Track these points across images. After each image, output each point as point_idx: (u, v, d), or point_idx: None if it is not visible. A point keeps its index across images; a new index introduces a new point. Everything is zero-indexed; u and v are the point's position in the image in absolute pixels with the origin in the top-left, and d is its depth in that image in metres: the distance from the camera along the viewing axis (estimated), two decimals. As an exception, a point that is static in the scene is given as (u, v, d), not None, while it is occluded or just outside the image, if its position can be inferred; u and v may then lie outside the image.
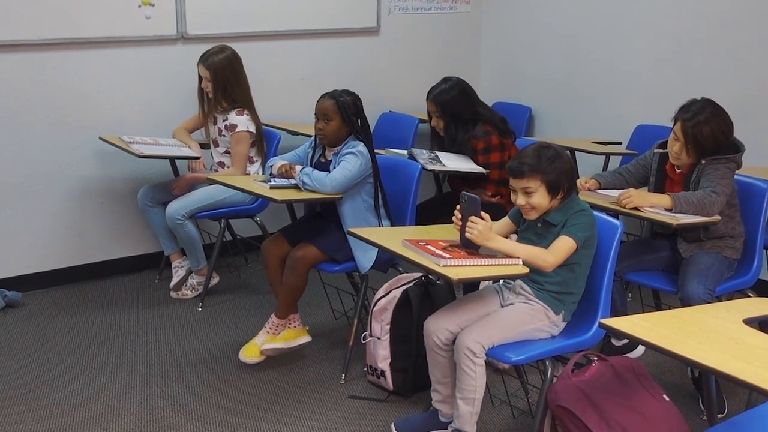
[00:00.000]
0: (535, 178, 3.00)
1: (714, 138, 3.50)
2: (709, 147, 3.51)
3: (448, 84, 4.43)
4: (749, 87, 4.70)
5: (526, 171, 3.01)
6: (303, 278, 3.77)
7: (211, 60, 4.50)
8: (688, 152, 3.54)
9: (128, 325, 4.36)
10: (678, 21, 5.06)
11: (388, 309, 3.62)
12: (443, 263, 2.79)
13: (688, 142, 3.51)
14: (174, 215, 4.47)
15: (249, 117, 4.55)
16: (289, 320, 3.86)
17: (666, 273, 3.71)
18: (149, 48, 4.87)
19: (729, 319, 2.39)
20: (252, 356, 3.81)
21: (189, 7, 4.91)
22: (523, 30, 5.94)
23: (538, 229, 3.11)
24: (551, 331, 3.08)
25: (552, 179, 3.00)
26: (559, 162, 3.02)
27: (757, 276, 3.69)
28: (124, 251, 5.05)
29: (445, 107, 4.38)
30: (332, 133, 3.82)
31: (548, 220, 3.06)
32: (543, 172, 2.99)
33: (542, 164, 3.00)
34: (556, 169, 3.01)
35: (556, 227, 3.04)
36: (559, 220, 3.04)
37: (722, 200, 3.46)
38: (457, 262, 2.80)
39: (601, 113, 5.49)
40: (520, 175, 3.03)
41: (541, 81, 5.89)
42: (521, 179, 3.03)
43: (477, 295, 3.19)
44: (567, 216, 3.03)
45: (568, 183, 3.05)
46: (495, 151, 4.28)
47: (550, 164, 3.00)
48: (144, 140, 4.60)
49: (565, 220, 3.02)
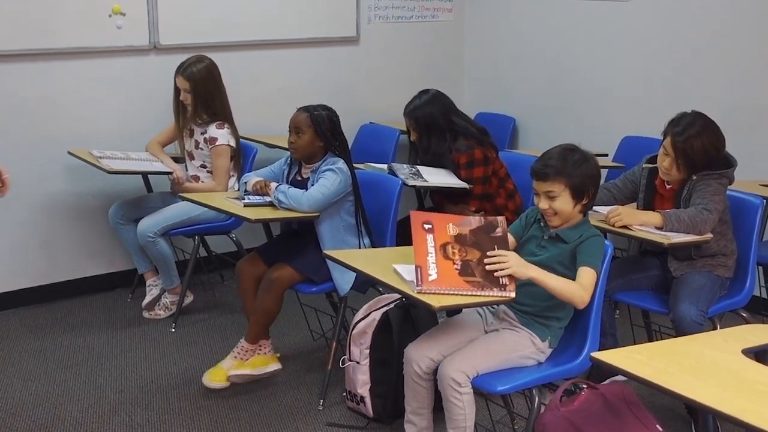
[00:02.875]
0: (559, 181, 2.84)
1: (705, 153, 3.37)
2: (700, 162, 3.39)
3: (423, 98, 4.28)
4: (738, 99, 4.59)
5: (551, 173, 2.85)
6: (278, 301, 3.61)
7: (190, 70, 4.34)
8: (679, 168, 3.42)
9: (98, 347, 4.19)
10: (666, 31, 4.95)
11: (368, 332, 3.48)
12: (418, 289, 2.63)
13: (678, 157, 3.38)
14: (145, 232, 4.31)
15: (229, 130, 4.40)
16: (260, 346, 3.70)
17: (656, 292, 3.59)
18: (120, 59, 4.71)
19: (727, 350, 2.25)
20: (217, 381, 3.64)
21: (162, 17, 4.75)
22: (508, 39, 5.81)
23: (543, 242, 2.96)
24: (538, 358, 2.93)
25: (577, 183, 2.85)
26: (586, 166, 2.88)
27: (751, 295, 3.57)
28: (95, 269, 4.87)
29: (419, 121, 4.24)
30: (303, 148, 3.67)
31: (561, 235, 2.91)
32: (568, 175, 2.84)
33: (568, 167, 2.84)
34: (583, 173, 2.86)
35: (567, 245, 2.89)
36: (571, 239, 2.89)
37: (715, 218, 3.33)
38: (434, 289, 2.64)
39: (586, 124, 5.37)
40: (544, 177, 2.87)
41: (525, 91, 5.77)
42: (545, 182, 2.87)
43: (460, 320, 3.04)
44: (582, 237, 2.88)
45: (593, 188, 2.90)
46: (478, 166, 4.14)
47: (576, 168, 2.85)
48: (115, 155, 4.43)
49: (579, 242, 2.87)
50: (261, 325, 3.66)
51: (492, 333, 2.97)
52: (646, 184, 3.61)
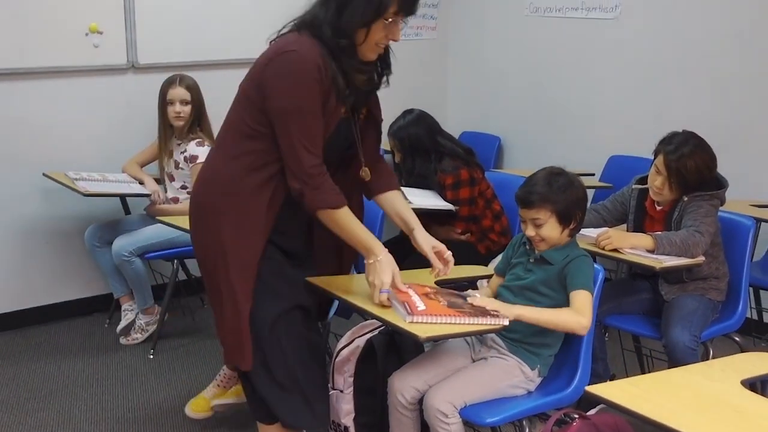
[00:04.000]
0: (545, 208, 2.77)
1: (698, 172, 3.30)
2: (692, 182, 3.32)
3: (408, 118, 4.22)
4: (726, 118, 4.54)
5: (536, 201, 2.77)
6: None
7: (189, 81, 4.30)
8: (671, 187, 3.34)
9: (73, 375, 4.06)
10: (652, 50, 4.90)
11: (351, 360, 3.35)
12: (409, 319, 2.54)
13: (671, 176, 3.31)
14: (121, 251, 4.20)
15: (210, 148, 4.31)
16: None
17: (647, 316, 3.51)
18: (97, 78, 4.60)
19: (726, 381, 2.17)
20: (200, 411, 3.51)
21: (140, 35, 4.65)
22: (492, 57, 5.75)
23: (529, 265, 2.87)
24: (527, 386, 2.83)
25: (563, 209, 2.77)
26: (572, 190, 2.80)
27: (743, 319, 3.49)
28: (71, 294, 4.74)
29: (403, 142, 4.17)
30: None
31: (546, 257, 2.82)
32: (554, 201, 2.76)
33: (553, 193, 2.76)
34: (568, 198, 2.78)
35: (553, 267, 2.80)
36: (557, 260, 2.80)
37: (707, 240, 3.26)
38: (425, 319, 2.54)
39: (573, 143, 5.30)
40: (529, 205, 2.79)
41: (510, 110, 5.70)
42: (530, 209, 2.79)
43: (446, 348, 2.94)
44: (568, 258, 2.79)
45: (580, 212, 2.82)
46: (464, 187, 4.06)
47: (561, 193, 2.77)
48: (91, 176, 4.33)
49: (566, 264, 2.78)
50: None
51: (480, 362, 2.86)
52: (636, 205, 3.54)
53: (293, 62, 2.57)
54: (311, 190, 2.62)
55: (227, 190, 2.72)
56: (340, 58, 2.60)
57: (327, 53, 2.59)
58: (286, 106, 2.58)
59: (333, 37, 2.58)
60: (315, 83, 2.57)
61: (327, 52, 2.59)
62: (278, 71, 2.59)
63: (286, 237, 2.82)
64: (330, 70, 2.58)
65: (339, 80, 2.61)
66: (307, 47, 2.59)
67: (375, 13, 2.55)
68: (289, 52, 2.59)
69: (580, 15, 5.21)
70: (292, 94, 2.57)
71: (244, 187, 2.70)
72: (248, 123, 2.69)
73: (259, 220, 2.71)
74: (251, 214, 2.71)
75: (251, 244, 2.72)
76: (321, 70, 2.57)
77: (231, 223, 2.71)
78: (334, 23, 2.57)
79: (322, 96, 2.60)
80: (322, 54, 2.58)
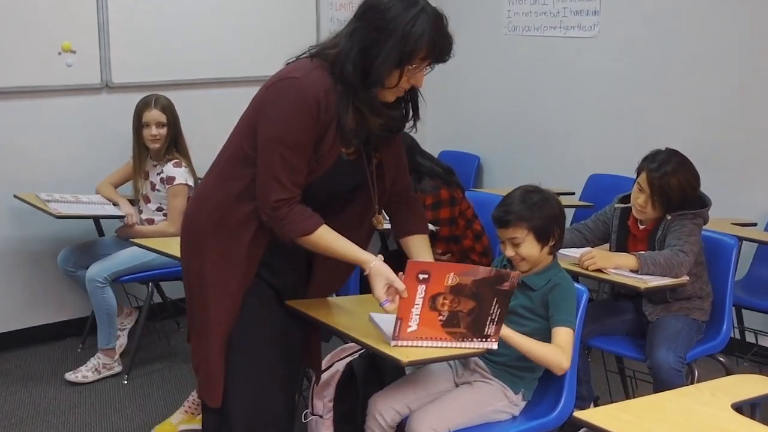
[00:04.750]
0: (521, 226, 2.72)
1: (682, 190, 3.28)
2: (676, 200, 3.29)
3: None
4: (706, 137, 4.53)
5: (512, 220, 2.73)
6: None
7: (164, 102, 4.22)
8: (654, 205, 3.31)
9: (45, 402, 3.95)
10: (632, 68, 4.89)
11: (331, 384, 3.28)
12: (393, 343, 2.47)
13: (654, 194, 3.28)
14: (95, 278, 4.09)
15: (187, 169, 4.23)
16: None
17: (631, 337, 3.46)
18: (70, 98, 4.52)
19: (717, 405, 2.12)
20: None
21: (114, 54, 4.59)
22: (471, 76, 5.71)
23: None
24: (512, 411, 2.77)
25: (540, 226, 2.73)
26: (548, 207, 2.76)
27: (728, 339, 3.45)
28: (43, 318, 4.63)
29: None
30: None
31: (527, 282, 2.78)
32: (530, 219, 2.72)
33: (528, 211, 2.73)
34: (545, 214, 2.74)
35: (535, 292, 2.76)
36: (538, 285, 2.76)
37: (691, 260, 3.22)
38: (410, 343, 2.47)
39: (552, 162, 5.28)
40: (505, 224, 2.75)
41: (489, 128, 5.67)
42: (507, 229, 2.75)
43: (429, 371, 2.87)
44: (550, 283, 2.75)
45: (558, 229, 2.78)
46: (444, 206, 4.00)
47: (537, 210, 2.73)
48: (64, 198, 4.24)
49: (549, 290, 2.74)
50: None
51: (463, 386, 2.80)
52: (619, 224, 3.50)
53: (291, 90, 2.42)
54: (277, 223, 2.48)
55: (214, 216, 2.58)
56: (357, 95, 2.43)
57: (342, 89, 2.42)
58: (271, 133, 2.44)
59: (353, 73, 2.40)
60: (308, 116, 2.40)
61: (343, 87, 2.42)
62: (275, 96, 2.46)
63: (273, 272, 2.67)
64: (337, 105, 2.42)
65: (345, 118, 2.44)
66: (314, 77, 2.42)
67: (402, 59, 2.41)
68: (291, 79, 2.43)
69: (559, 34, 5.19)
70: (280, 122, 2.42)
71: (232, 215, 2.55)
72: (243, 147, 2.54)
73: (243, 251, 2.56)
74: (237, 245, 2.56)
75: (234, 275, 2.57)
76: (320, 103, 2.40)
77: (216, 250, 2.58)
78: (357, 60, 2.40)
79: (316, 131, 2.44)
80: (330, 88, 2.42)
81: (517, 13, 5.40)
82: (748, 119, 4.45)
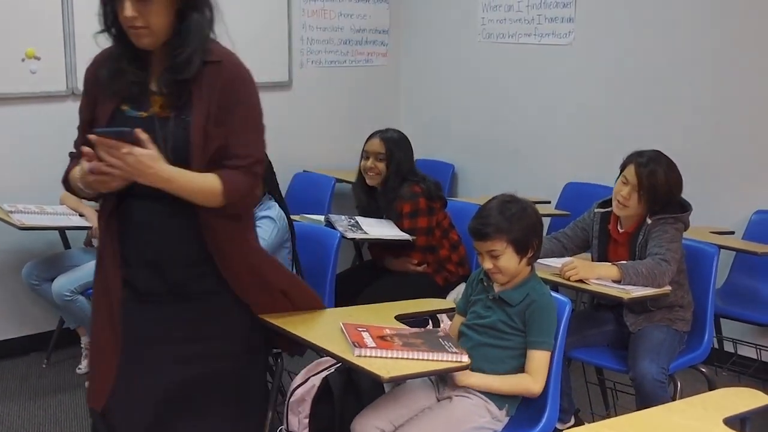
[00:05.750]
0: (500, 238, 2.66)
1: (668, 187, 3.26)
2: (661, 197, 3.26)
3: (397, 132, 4.10)
4: (681, 144, 4.47)
5: (491, 232, 2.67)
6: None
7: None
8: (639, 199, 3.26)
9: (8, 421, 3.81)
10: (608, 75, 4.86)
11: (307, 400, 3.18)
12: (357, 353, 2.39)
13: (641, 187, 3.24)
14: (62, 292, 3.97)
15: None
16: None
17: (612, 348, 3.39)
18: (35, 105, 4.40)
19: (708, 420, 2.06)
20: None
21: (81, 60, 4.45)
22: (445, 83, 5.66)
23: (488, 302, 2.76)
24: (494, 427, 2.69)
25: (519, 237, 2.67)
26: (525, 218, 2.70)
27: (709, 350, 3.41)
28: (5, 333, 4.49)
29: (393, 151, 4.02)
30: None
31: (504, 297, 2.72)
32: (509, 231, 2.66)
33: (507, 222, 2.66)
34: (523, 226, 2.68)
35: (513, 308, 2.69)
36: (516, 300, 2.69)
37: (673, 269, 3.18)
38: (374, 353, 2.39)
39: (528, 170, 5.23)
40: (483, 237, 2.69)
41: (464, 137, 5.61)
42: (485, 241, 2.68)
43: (409, 388, 2.78)
44: (528, 299, 2.68)
45: (537, 239, 2.72)
46: (422, 216, 3.93)
47: (516, 221, 2.67)
48: (28, 209, 4.11)
49: (527, 306, 2.67)
50: None
51: (444, 402, 2.72)
52: (599, 229, 3.45)
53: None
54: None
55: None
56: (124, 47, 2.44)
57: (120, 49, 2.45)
58: None
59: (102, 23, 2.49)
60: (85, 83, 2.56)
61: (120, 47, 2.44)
62: None
63: (132, 271, 2.45)
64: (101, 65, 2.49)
65: (102, 72, 2.47)
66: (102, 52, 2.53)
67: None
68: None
69: (534, 41, 5.15)
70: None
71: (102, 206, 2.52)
72: None
73: (104, 246, 2.49)
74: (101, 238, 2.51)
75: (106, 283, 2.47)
76: (87, 71, 2.55)
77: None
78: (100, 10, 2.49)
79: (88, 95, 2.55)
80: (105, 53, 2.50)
81: (492, 20, 5.35)
82: (725, 127, 4.42)
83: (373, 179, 4.07)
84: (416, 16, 5.75)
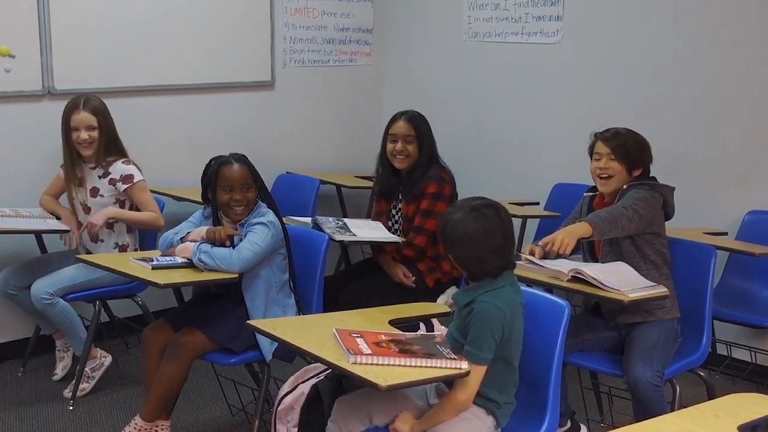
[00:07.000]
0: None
1: (635, 143, 3.37)
2: (636, 154, 3.34)
3: (417, 112, 4.05)
4: (671, 145, 4.41)
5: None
6: (182, 371, 3.23)
7: (94, 104, 3.94)
8: (618, 162, 3.33)
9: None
10: (596, 75, 4.78)
11: (295, 408, 3.08)
12: (352, 360, 2.30)
13: (613, 151, 3.34)
14: (40, 295, 3.83)
15: (136, 166, 4.01)
16: (157, 426, 3.27)
17: (609, 353, 3.31)
18: (10, 105, 4.27)
19: (722, 428, 1.97)
20: None
21: (57, 59, 4.34)
22: (430, 84, 5.56)
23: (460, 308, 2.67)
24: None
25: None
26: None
27: (707, 353, 3.33)
28: (-20, 340, 4.35)
29: (422, 133, 3.94)
30: (251, 204, 3.37)
31: (455, 299, 2.64)
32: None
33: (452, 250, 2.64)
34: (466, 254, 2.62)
35: (461, 312, 2.59)
36: (461, 303, 2.60)
37: (631, 215, 3.16)
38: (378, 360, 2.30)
39: (515, 172, 5.15)
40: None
41: (449, 137, 5.46)
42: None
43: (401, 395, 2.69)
44: (471, 305, 2.55)
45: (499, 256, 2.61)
46: (443, 201, 3.88)
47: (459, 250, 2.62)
48: (2, 212, 3.99)
49: (468, 313, 2.55)
50: (160, 399, 3.25)
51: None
52: (588, 211, 3.45)
53: None
54: None
55: None
56: None
57: None
58: None
59: None
60: None
61: None
62: None
63: None
64: None
65: None
66: None
67: None
68: None
69: (521, 40, 5.07)
70: None
71: None
72: None
73: None
74: None
75: None
76: None
77: None
78: None
79: None
80: None
81: (478, 19, 5.26)
82: (716, 128, 4.36)
83: (403, 162, 3.97)
84: (401, 14, 5.66)
